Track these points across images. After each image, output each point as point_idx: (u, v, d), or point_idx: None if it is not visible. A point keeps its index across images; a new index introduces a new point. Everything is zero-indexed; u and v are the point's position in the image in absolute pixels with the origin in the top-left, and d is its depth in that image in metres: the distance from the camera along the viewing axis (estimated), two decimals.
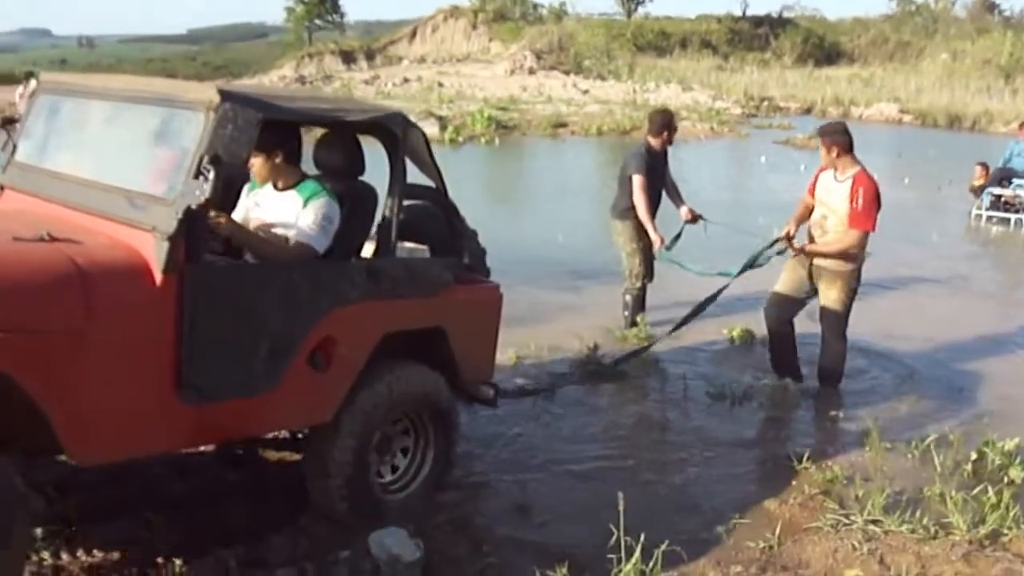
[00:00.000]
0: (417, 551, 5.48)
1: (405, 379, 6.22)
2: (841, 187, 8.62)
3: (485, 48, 73.26)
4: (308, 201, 5.89)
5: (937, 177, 25.01)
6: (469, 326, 6.78)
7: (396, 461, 6.40)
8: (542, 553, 5.74)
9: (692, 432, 8.02)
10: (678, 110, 39.30)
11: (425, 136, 6.44)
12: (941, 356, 10.25)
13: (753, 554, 5.83)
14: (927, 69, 65.56)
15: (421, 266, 6.44)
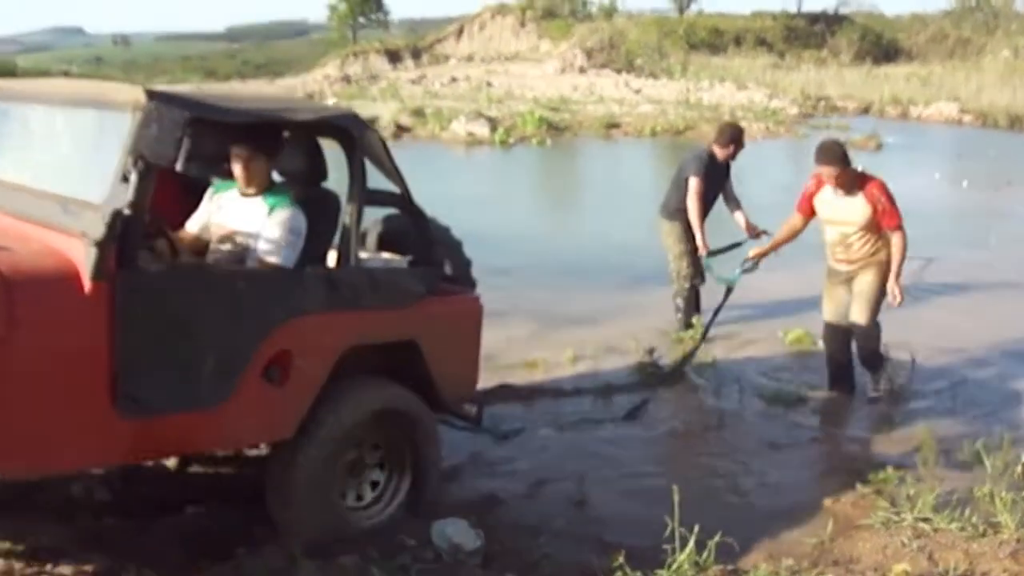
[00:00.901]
0: (478, 540, 5.88)
1: (375, 396, 6.18)
2: (853, 200, 8.76)
3: (534, 46, 73.12)
4: (273, 210, 5.87)
5: (997, 179, 24.97)
6: (446, 340, 6.65)
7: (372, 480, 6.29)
8: (597, 544, 6.11)
9: (746, 433, 8.39)
10: (733, 109, 39.56)
11: (382, 139, 6.34)
12: (995, 361, 10.46)
13: (805, 549, 6.15)
14: (988, 67, 64.25)
15: (388, 276, 6.35)
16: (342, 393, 5.91)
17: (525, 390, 9.01)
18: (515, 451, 7.77)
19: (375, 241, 7.10)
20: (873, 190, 8.69)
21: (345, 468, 6.06)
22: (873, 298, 8.89)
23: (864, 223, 8.72)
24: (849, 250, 8.90)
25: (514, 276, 13.09)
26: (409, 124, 32.36)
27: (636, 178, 26.48)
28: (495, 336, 9.72)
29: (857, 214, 8.73)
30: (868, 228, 8.75)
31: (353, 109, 6.58)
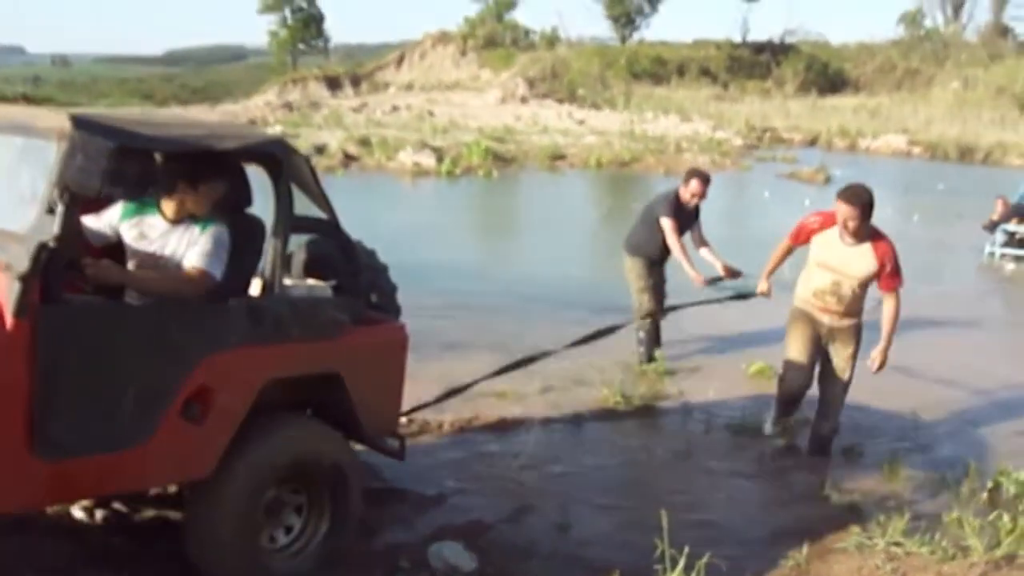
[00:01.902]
0: (473, 562, 6.27)
1: (296, 433, 6.09)
2: (857, 252, 8.48)
3: (475, 75, 73.44)
4: (205, 229, 5.83)
5: (947, 212, 25.60)
6: (370, 371, 6.55)
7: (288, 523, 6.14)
8: (586, 566, 6.52)
9: (717, 461, 8.80)
10: (678, 141, 40.01)
11: (310, 163, 6.30)
12: (954, 393, 10.96)
13: (783, 571, 6.58)
14: (937, 98, 65.57)
15: (312, 306, 6.22)
16: (260, 430, 5.78)
17: (497, 420, 9.35)
18: (495, 478, 8.08)
19: (299, 266, 6.90)
20: (886, 249, 8.44)
21: (263, 509, 5.91)
22: (850, 375, 8.85)
23: (864, 278, 8.54)
24: (840, 301, 8.65)
25: (474, 308, 13.58)
26: (356, 153, 32.72)
27: (585, 211, 27.06)
28: (462, 367, 10.29)
29: (860, 267, 8.49)
30: (864, 284, 8.59)
31: (280, 135, 6.81)
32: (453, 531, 6.84)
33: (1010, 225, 20.82)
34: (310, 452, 6.06)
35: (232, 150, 5.78)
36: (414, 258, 15.72)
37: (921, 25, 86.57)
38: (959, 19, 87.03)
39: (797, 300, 9.00)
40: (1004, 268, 20.15)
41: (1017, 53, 75.44)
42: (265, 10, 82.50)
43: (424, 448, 8.58)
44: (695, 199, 11.30)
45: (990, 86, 66.86)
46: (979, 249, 21.02)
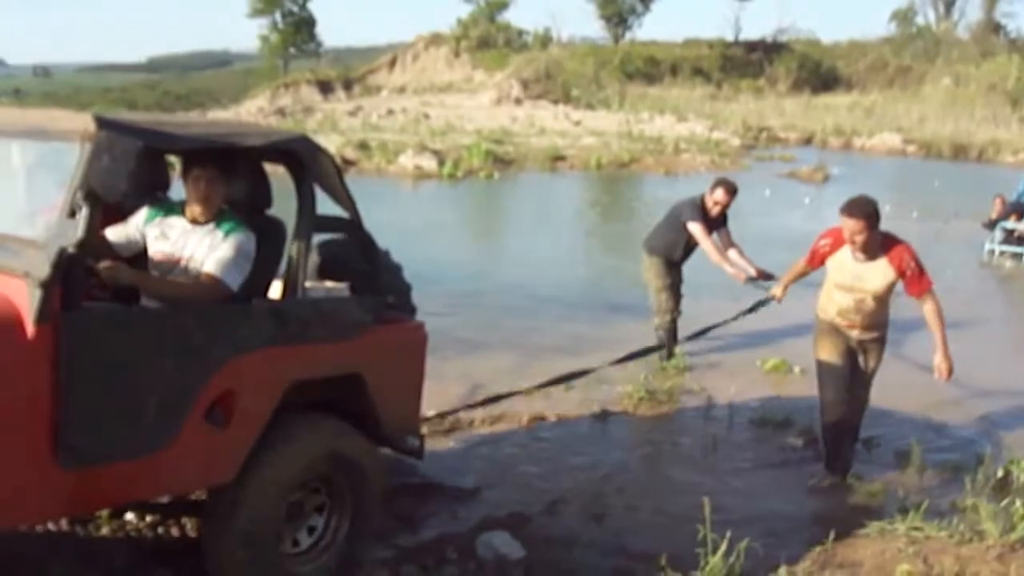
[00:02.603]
0: (521, 551, 6.65)
1: (318, 434, 6.04)
2: (875, 266, 8.30)
3: (468, 77, 73.96)
4: (228, 235, 5.76)
5: (943, 210, 25.99)
6: (391, 371, 6.52)
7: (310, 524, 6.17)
8: (627, 554, 6.92)
9: (741, 453, 9.22)
10: (676, 141, 40.38)
11: (335, 162, 6.32)
12: (962, 387, 11.28)
13: (812, 555, 6.97)
14: (929, 95, 66.18)
15: (334, 307, 6.19)
16: (284, 432, 5.77)
17: (526, 417, 9.75)
18: (527, 473, 8.48)
19: (313, 267, 6.79)
20: (902, 254, 8.25)
21: (285, 512, 5.90)
22: (870, 390, 8.86)
23: (885, 290, 8.38)
24: (867, 317, 8.50)
25: (487, 307, 14.04)
26: (354, 157, 32.91)
27: (588, 211, 27.42)
28: (482, 366, 10.79)
29: (879, 281, 8.33)
30: (885, 295, 8.43)
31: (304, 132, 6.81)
32: (496, 523, 7.18)
33: (1009, 223, 21.17)
34: (332, 452, 6.05)
35: (257, 147, 5.79)
36: (426, 260, 16.12)
37: (913, 22, 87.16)
38: (951, 16, 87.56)
39: (822, 313, 8.80)
40: (1003, 265, 20.57)
41: (1009, 50, 75.58)
42: (255, 14, 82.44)
43: (457, 445, 9.02)
44: (717, 207, 11.60)
45: (982, 83, 67.27)
46: (977, 246, 21.43)
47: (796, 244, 12.24)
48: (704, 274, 12.23)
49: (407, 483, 7.92)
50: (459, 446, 9.02)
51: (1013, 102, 61.92)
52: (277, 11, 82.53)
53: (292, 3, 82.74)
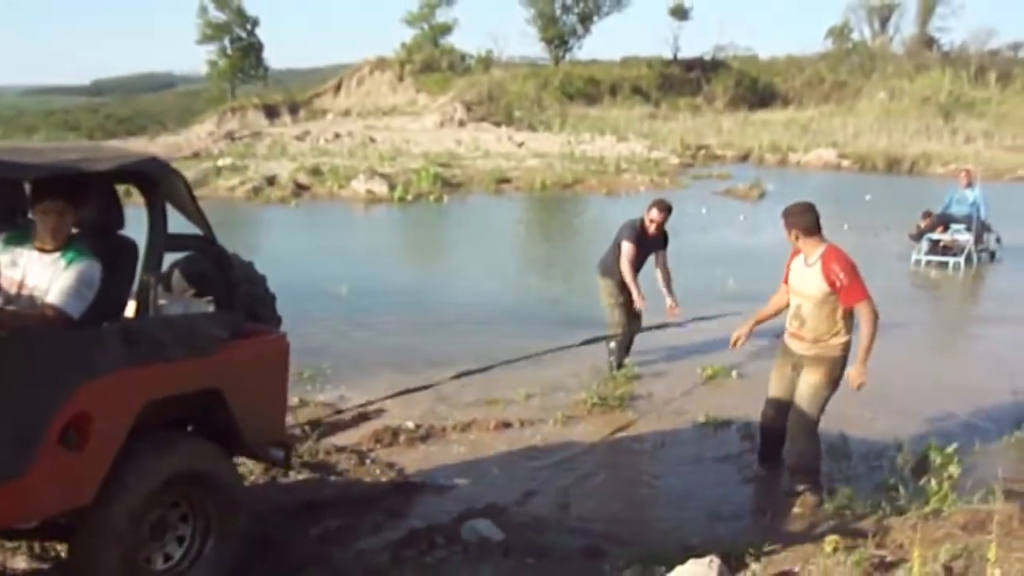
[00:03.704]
0: (501, 534, 7.63)
1: (177, 451, 6.03)
2: (811, 271, 8.52)
3: (412, 100, 74.23)
4: (70, 264, 5.79)
5: (874, 222, 26.92)
6: (251, 384, 6.56)
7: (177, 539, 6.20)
8: (589, 534, 7.88)
9: (688, 449, 10.24)
10: (617, 161, 41.13)
11: (186, 181, 6.33)
12: (889, 385, 12.24)
13: (752, 531, 8.00)
14: (865, 110, 67.12)
15: (189, 324, 6.18)
16: (140, 450, 5.72)
17: (493, 423, 10.73)
18: (497, 470, 9.48)
19: (176, 283, 6.93)
20: (830, 264, 8.41)
21: (149, 530, 5.93)
22: (814, 404, 8.72)
23: (817, 297, 8.52)
24: (802, 325, 8.68)
25: (450, 325, 14.97)
26: (308, 183, 33.62)
27: (538, 232, 28.34)
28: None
29: (812, 286, 8.53)
30: (822, 303, 8.52)
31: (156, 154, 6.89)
32: (476, 513, 8.08)
33: (934, 234, 22.14)
34: (189, 468, 6.06)
35: (107, 171, 5.83)
36: (385, 282, 17.22)
37: (848, 38, 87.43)
38: (886, 31, 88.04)
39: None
40: (929, 274, 21.49)
41: (942, 63, 76.79)
42: (204, 40, 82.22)
43: (433, 449, 10.06)
44: (653, 225, 12.65)
45: (915, 97, 68.56)
46: (906, 257, 22.35)
47: (731, 260, 13.27)
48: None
49: (391, 481, 9.01)
50: (435, 450, 10.04)
51: (945, 115, 62.97)
52: (226, 37, 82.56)
53: (240, 29, 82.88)
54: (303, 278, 17.90)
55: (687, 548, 7.09)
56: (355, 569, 6.99)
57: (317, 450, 9.54)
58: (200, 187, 31.81)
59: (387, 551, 7.37)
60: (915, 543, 6.74)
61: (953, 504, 8.09)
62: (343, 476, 9.06)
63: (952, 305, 19.95)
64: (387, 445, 9.99)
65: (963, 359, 14.93)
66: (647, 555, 7.03)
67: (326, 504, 8.31)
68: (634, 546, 7.42)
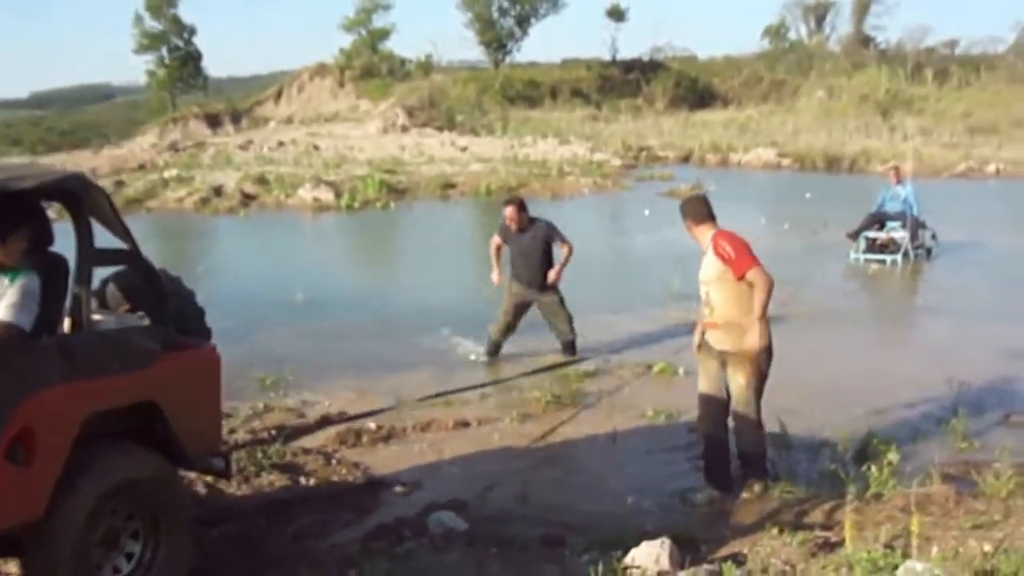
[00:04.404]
0: (465, 523, 8.08)
1: (118, 462, 6.11)
2: (707, 256, 8.91)
3: (354, 106, 74.33)
4: (13, 281, 5.90)
5: (814, 221, 27.38)
6: (186, 396, 6.62)
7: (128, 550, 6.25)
8: (549, 523, 8.31)
9: (638, 441, 10.71)
10: (560, 165, 41.48)
11: (109, 197, 6.42)
12: (829, 378, 12.82)
13: (703, 516, 8.53)
14: (803, 108, 67.87)
15: (123, 338, 6.31)
16: (84, 463, 5.79)
17: (451, 423, 11.19)
18: (458, 466, 9.95)
19: (110, 298, 7.02)
20: (718, 241, 8.77)
21: (99, 541, 5.98)
22: (751, 401, 8.96)
23: (715, 276, 8.82)
24: (712, 311, 8.94)
25: (404, 329, 15.45)
26: (254, 192, 33.87)
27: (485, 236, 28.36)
28: (408, 380, 12.14)
29: (709, 269, 8.89)
30: (720, 281, 8.81)
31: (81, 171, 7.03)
32: (439, 506, 8.53)
33: (871, 232, 22.59)
34: (133, 479, 6.13)
35: (31, 189, 5.84)
36: (339, 289, 17.61)
37: (785, 37, 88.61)
38: (822, 30, 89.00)
39: None
40: (867, 271, 21.93)
41: (879, 61, 77.72)
42: (141, 50, 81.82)
43: (395, 448, 10.52)
44: (513, 223, 13.64)
45: (853, 94, 69.34)
46: (845, 255, 22.74)
47: (676, 260, 13.72)
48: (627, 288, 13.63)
49: (356, 481, 9.46)
50: (397, 449, 10.50)
51: (883, 112, 63.89)
52: (164, 47, 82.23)
53: (178, 38, 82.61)
54: (259, 288, 18.36)
55: (641, 533, 7.48)
56: (330, 561, 7.37)
57: (285, 452, 9.95)
58: (149, 199, 32.17)
59: (358, 544, 7.77)
60: (852, 524, 7.19)
61: (893, 488, 8.58)
62: (311, 476, 9.48)
63: (890, 300, 20.46)
64: (351, 446, 10.43)
65: (901, 351, 15.46)
66: (604, 540, 7.49)
67: (298, 503, 8.74)
68: (591, 533, 7.88)
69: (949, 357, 13.77)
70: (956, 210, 29.11)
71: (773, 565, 6.72)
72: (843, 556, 6.72)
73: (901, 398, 11.93)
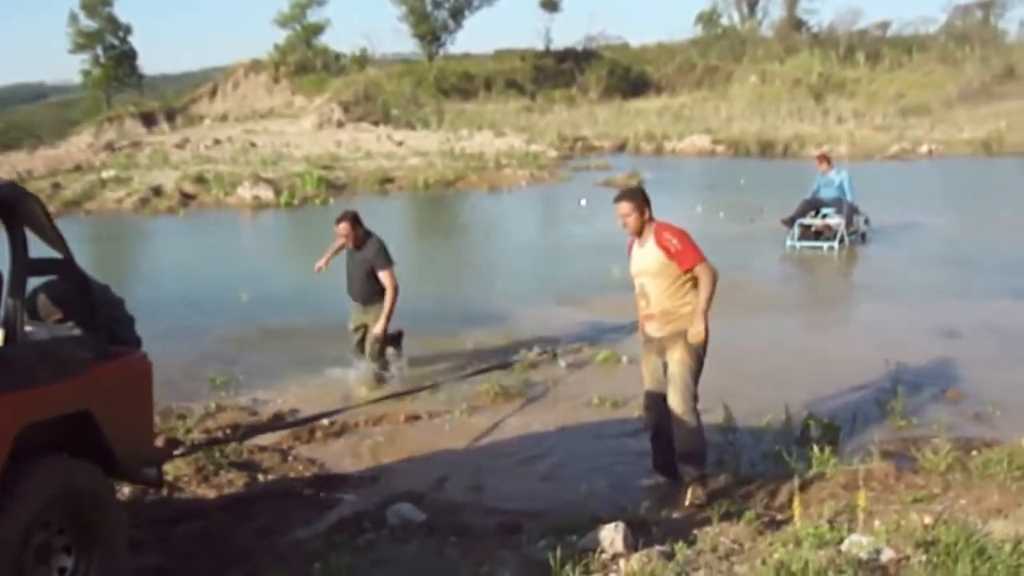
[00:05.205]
0: (423, 514, 8.28)
1: (54, 474, 5.98)
2: (647, 249, 8.81)
3: (289, 102, 74.24)
4: None
5: (749, 207, 27.65)
6: (119, 405, 6.48)
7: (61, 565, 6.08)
8: (504, 512, 8.57)
9: (586, 428, 11.01)
10: (496, 157, 41.61)
11: (43, 205, 6.33)
12: (768, 361, 13.14)
13: (655, 493, 8.85)
14: (737, 94, 68.31)
15: (56, 347, 6.21)
16: (19, 476, 5.68)
17: (402, 417, 11.45)
18: (412, 459, 10.20)
19: (41, 308, 6.96)
20: (662, 233, 8.71)
21: (33, 555, 5.83)
22: (687, 382, 8.85)
23: (656, 268, 8.78)
24: (648, 302, 8.92)
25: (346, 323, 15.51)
26: (193, 191, 33.73)
27: (425, 231, 28.78)
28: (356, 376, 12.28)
29: (651, 262, 8.79)
30: (660, 273, 8.78)
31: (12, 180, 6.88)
32: (396, 498, 8.71)
33: (805, 219, 22.78)
34: (69, 491, 6.02)
35: None
36: (284, 287, 17.75)
37: (718, 23, 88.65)
38: (754, 15, 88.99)
39: None
40: (804, 257, 22.21)
41: (811, 45, 78.15)
42: (76, 49, 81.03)
43: (349, 443, 10.77)
44: (343, 239, 12.85)
45: (787, 79, 69.88)
46: (781, 241, 22.95)
47: (614, 250, 13.86)
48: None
49: (314, 475, 9.70)
50: (351, 444, 10.75)
51: (816, 96, 64.57)
52: (99, 45, 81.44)
53: (113, 37, 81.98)
54: (204, 289, 18.46)
55: (595, 518, 7.68)
56: (294, 555, 7.54)
57: (242, 451, 10.12)
58: (87, 200, 31.97)
59: (321, 538, 7.96)
60: (798, 502, 7.48)
61: (835, 467, 8.90)
62: (269, 473, 9.70)
63: (827, 285, 20.76)
64: (306, 442, 10.64)
65: (840, 333, 15.82)
66: (559, 526, 7.69)
67: (258, 500, 8.93)
68: (546, 519, 8.08)
69: (887, 338, 14.17)
70: (889, 192, 29.63)
71: (723, 544, 6.95)
72: (790, 533, 6.96)
73: (841, 379, 12.24)
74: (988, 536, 6.45)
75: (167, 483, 8.90)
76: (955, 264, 20.52)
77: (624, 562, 6.57)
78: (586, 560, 6.62)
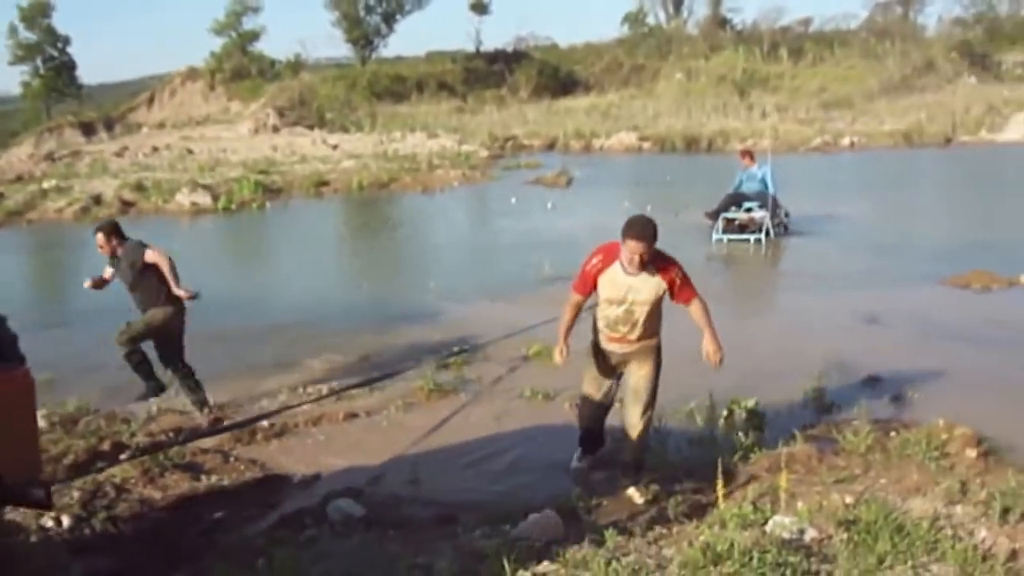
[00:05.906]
0: (362, 509, 8.36)
1: None
2: (643, 279, 8.60)
3: (225, 109, 73.87)
4: None
5: (675, 202, 27.66)
6: (2, 422, 6.23)
7: None
8: (441, 504, 8.70)
9: (521, 419, 11.15)
10: (429, 158, 41.68)
11: None
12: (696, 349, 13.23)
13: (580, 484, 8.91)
14: (663, 92, 68.70)
15: None
16: None
17: (341, 415, 11.51)
18: (350, 455, 10.26)
19: None
20: (671, 268, 8.68)
21: None
22: (652, 391, 9.02)
23: (655, 300, 8.72)
24: (634, 328, 8.78)
25: (289, 328, 15.74)
26: (132, 199, 33.51)
27: (360, 232, 28.73)
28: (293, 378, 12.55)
29: (649, 293, 8.66)
30: (653, 303, 8.72)
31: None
32: (336, 495, 8.80)
33: (730, 213, 22.94)
34: None
35: None
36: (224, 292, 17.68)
37: (644, 23, 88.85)
38: (680, 14, 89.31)
39: (593, 333, 9.15)
40: (730, 250, 22.27)
41: (735, 42, 78.66)
42: (16, 61, 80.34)
43: (289, 442, 10.81)
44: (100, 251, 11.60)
45: (712, 75, 70.61)
46: (707, 235, 23.03)
47: (544, 246, 14.03)
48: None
49: (256, 476, 9.75)
50: (291, 443, 10.78)
51: (740, 91, 65.26)
52: (38, 57, 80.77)
53: (52, 48, 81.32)
54: None
55: (527, 507, 7.87)
56: (240, 552, 7.58)
57: (184, 453, 10.14)
58: (29, 210, 31.74)
59: (265, 535, 8.03)
60: (722, 484, 7.61)
61: (759, 451, 9.12)
62: (212, 474, 9.71)
63: (752, 276, 20.96)
64: (246, 444, 10.68)
65: (765, 322, 16.08)
66: (493, 516, 7.90)
67: (203, 500, 8.99)
68: (481, 510, 8.26)
69: (810, 325, 14.47)
70: (812, 184, 29.94)
71: (651, 528, 7.08)
72: (716, 515, 7.12)
73: (767, 366, 12.45)
74: (907, 514, 6.64)
75: (115, 486, 8.96)
76: (876, 252, 20.85)
77: (556, 549, 6.66)
78: (519, 548, 6.69)
